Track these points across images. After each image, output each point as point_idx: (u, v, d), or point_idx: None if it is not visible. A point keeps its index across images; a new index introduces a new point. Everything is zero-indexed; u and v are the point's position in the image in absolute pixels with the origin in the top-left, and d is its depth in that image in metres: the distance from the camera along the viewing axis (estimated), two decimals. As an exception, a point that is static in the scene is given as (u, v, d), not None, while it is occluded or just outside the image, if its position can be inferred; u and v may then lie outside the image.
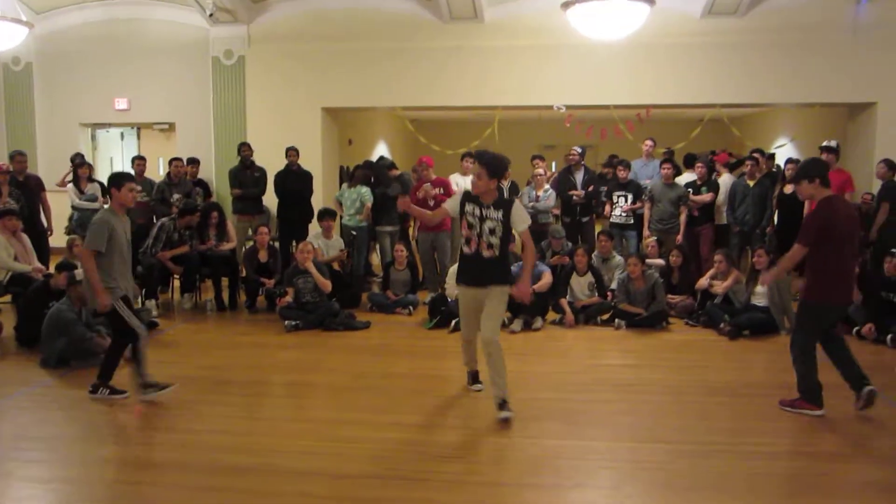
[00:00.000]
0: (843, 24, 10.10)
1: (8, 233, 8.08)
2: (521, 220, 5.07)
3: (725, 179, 9.75)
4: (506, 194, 10.12)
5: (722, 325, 7.50)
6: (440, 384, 6.03)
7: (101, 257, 5.35)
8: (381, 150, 16.97)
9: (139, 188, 5.88)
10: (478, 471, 4.33)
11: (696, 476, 4.23)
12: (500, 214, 5.04)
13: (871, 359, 6.35)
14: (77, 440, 4.89)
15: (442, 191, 8.96)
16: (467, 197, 5.20)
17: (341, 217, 9.71)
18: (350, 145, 14.58)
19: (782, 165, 10.05)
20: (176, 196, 9.48)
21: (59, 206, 9.82)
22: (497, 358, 5.04)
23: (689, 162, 10.19)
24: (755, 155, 9.62)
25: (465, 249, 5.19)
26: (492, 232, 5.05)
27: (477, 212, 5.07)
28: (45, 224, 9.50)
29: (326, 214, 9.10)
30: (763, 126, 16.16)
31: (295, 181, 9.75)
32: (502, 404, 4.99)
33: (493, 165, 5.06)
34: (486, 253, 5.07)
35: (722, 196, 9.49)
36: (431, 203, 8.77)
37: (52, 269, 7.51)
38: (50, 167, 11.27)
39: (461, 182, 9.49)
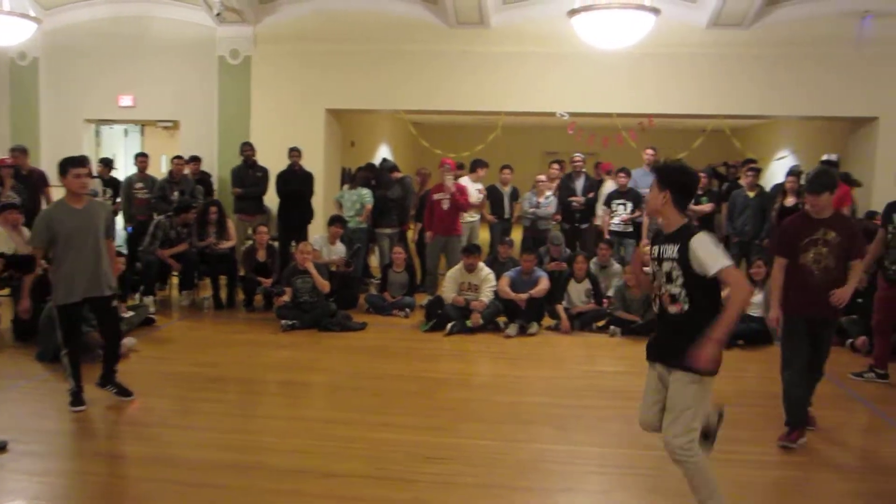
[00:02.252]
0: (848, 39, 10.12)
1: (9, 226, 8.11)
2: (708, 258, 3.34)
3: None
4: (506, 201, 10.22)
5: (717, 335, 7.51)
6: (434, 386, 6.07)
7: (54, 253, 5.12)
8: (383, 153, 17.00)
9: (87, 172, 5.44)
10: (468, 472, 4.35)
11: (684, 481, 4.23)
12: (675, 251, 3.47)
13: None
14: (71, 434, 4.93)
15: (451, 193, 8.95)
16: (656, 236, 3.72)
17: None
18: (352, 147, 14.62)
19: (784, 177, 10.07)
20: (176, 194, 9.52)
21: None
22: (694, 471, 3.54)
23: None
24: (753, 166, 9.66)
25: (654, 307, 3.75)
26: (669, 278, 3.51)
27: (655, 251, 3.62)
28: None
29: (338, 221, 9.16)
30: (764, 138, 16.18)
31: (296, 182, 9.79)
32: None
33: (666, 173, 3.59)
34: (671, 309, 3.53)
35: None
36: (448, 197, 8.79)
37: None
38: (54, 162, 11.22)
39: (468, 187, 9.54)
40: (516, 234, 10.38)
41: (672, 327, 3.54)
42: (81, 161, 5.33)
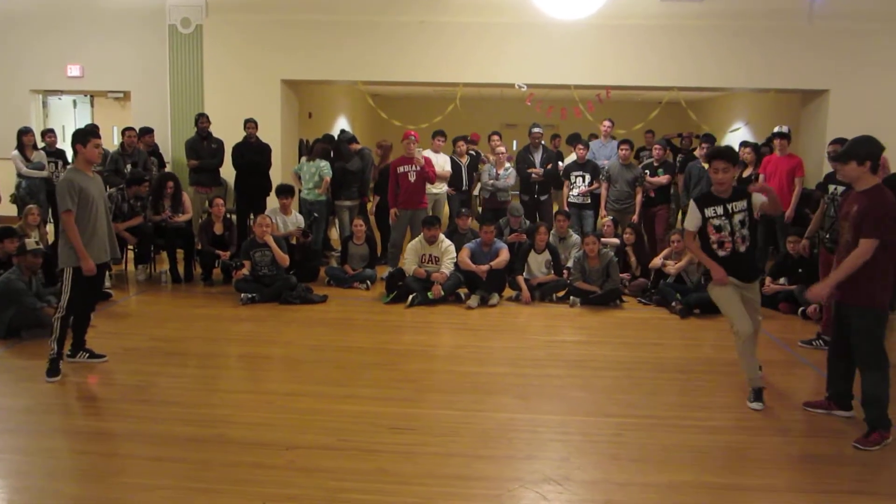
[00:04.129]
0: (801, 12, 10.29)
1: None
2: (759, 199, 4.94)
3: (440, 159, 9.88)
4: (464, 169, 10.22)
5: (673, 304, 7.67)
6: (396, 358, 6.09)
7: (78, 218, 5.28)
8: (341, 125, 16.84)
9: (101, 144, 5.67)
10: (430, 442, 4.39)
11: (643, 449, 4.36)
12: (744, 204, 4.93)
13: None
14: (28, 411, 4.84)
15: (420, 166, 8.82)
16: (704, 202, 5.02)
17: (300, 191, 9.65)
18: (310, 119, 14.45)
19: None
20: (129, 166, 9.32)
21: (10, 174, 9.60)
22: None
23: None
24: (708, 135, 9.82)
25: (721, 252, 4.97)
26: (742, 224, 4.92)
27: (720, 210, 4.93)
28: (-7, 191, 9.29)
29: (285, 192, 9.01)
30: (719, 110, 16.45)
31: (253, 154, 9.65)
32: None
33: (733, 155, 5.09)
34: (742, 248, 4.94)
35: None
36: (415, 170, 8.72)
37: None
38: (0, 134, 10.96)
39: (433, 159, 9.45)
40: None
41: (746, 259, 5.01)
42: (98, 133, 5.61)
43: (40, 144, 10.08)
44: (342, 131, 11.65)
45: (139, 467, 4.02)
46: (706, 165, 9.36)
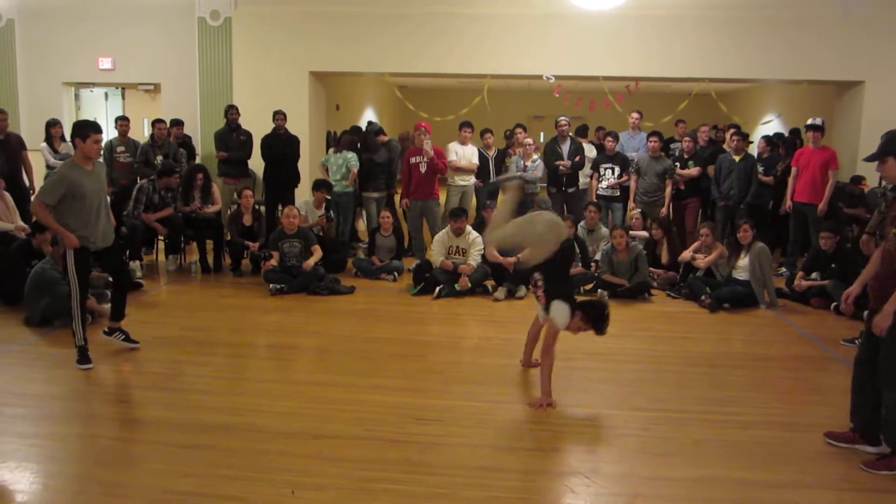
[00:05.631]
0: (834, 2, 10.09)
1: (-10, 191, 8.02)
2: None
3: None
4: (491, 164, 10.20)
5: (703, 298, 7.58)
6: (423, 349, 6.10)
7: (61, 208, 5.30)
8: (368, 116, 16.87)
9: (102, 140, 5.65)
10: (457, 433, 4.39)
11: (671, 442, 4.32)
12: None
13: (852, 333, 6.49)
14: (60, 397, 4.92)
15: (429, 157, 8.83)
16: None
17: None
18: (337, 111, 14.49)
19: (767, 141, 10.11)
20: (160, 158, 9.42)
21: (40, 165, 9.74)
22: None
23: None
24: (740, 130, 9.68)
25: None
26: None
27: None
28: (28, 183, 9.43)
29: (321, 186, 9.09)
30: (750, 101, 16.20)
31: (282, 145, 9.69)
32: None
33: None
34: None
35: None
36: (425, 161, 8.70)
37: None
38: (32, 126, 11.13)
39: (460, 151, 9.45)
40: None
41: None
42: (99, 128, 5.57)
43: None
44: (370, 123, 11.65)
45: (169, 454, 4.07)
46: (736, 158, 9.26)
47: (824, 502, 3.71)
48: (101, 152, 5.71)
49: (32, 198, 9.40)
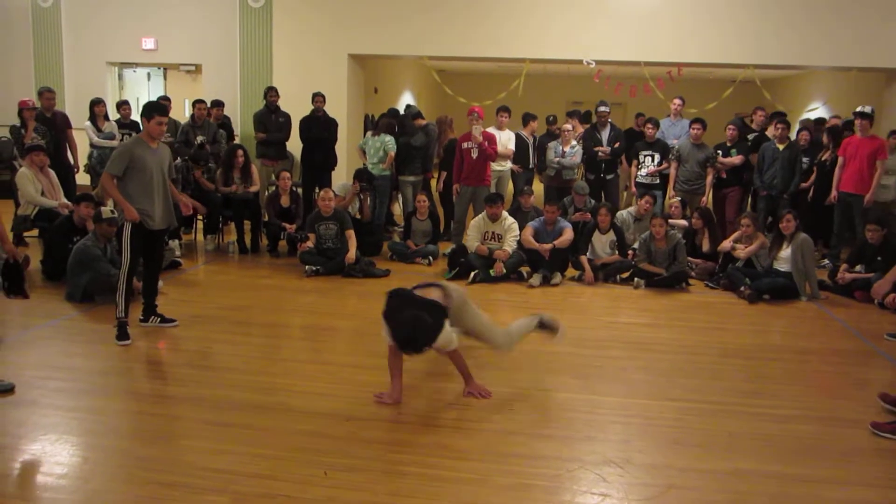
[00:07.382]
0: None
1: (35, 168, 8.19)
2: None
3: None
4: (531, 149, 10.11)
5: (742, 289, 7.45)
6: (456, 334, 6.07)
7: (123, 182, 5.46)
8: (406, 100, 16.85)
9: (166, 122, 5.78)
10: (489, 419, 4.38)
11: (706, 434, 4.26)
12: None
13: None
14: (100, 372, 5.01)
15: (478, 143, 8.75)
16: None
17: (364, 165, 9.70)
18: (375, 94, 14.49)
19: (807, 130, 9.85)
20: (200, 138, 9.52)
21: (85, 143, 9.91)
22: None
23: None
24: (784, 119, 9.46)
25: None
26: None
27: None
28: (72, 161, 9.61)
29: (358, 179, 9.05)
30: (796, 89, 15.83)
31: (320, 128, 9.72)
32: None
33: None
34: None
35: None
36: (476, 147, 8.67)
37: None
38: (77, 105, 11.32)
39: (497, 136, 9.38)
40: (536, 185, 10.25)
41: None
42: (164, 109, 5.76)
43: (115, 116, 10.36)
44: (408, 106, 11.64)
45: (204, 431, 4.12)
46: (780, 146, 9.05)
47: (867, 500, 3.62)
48: (164, 133, 5.86)
49: (77, 173, 9.64)
